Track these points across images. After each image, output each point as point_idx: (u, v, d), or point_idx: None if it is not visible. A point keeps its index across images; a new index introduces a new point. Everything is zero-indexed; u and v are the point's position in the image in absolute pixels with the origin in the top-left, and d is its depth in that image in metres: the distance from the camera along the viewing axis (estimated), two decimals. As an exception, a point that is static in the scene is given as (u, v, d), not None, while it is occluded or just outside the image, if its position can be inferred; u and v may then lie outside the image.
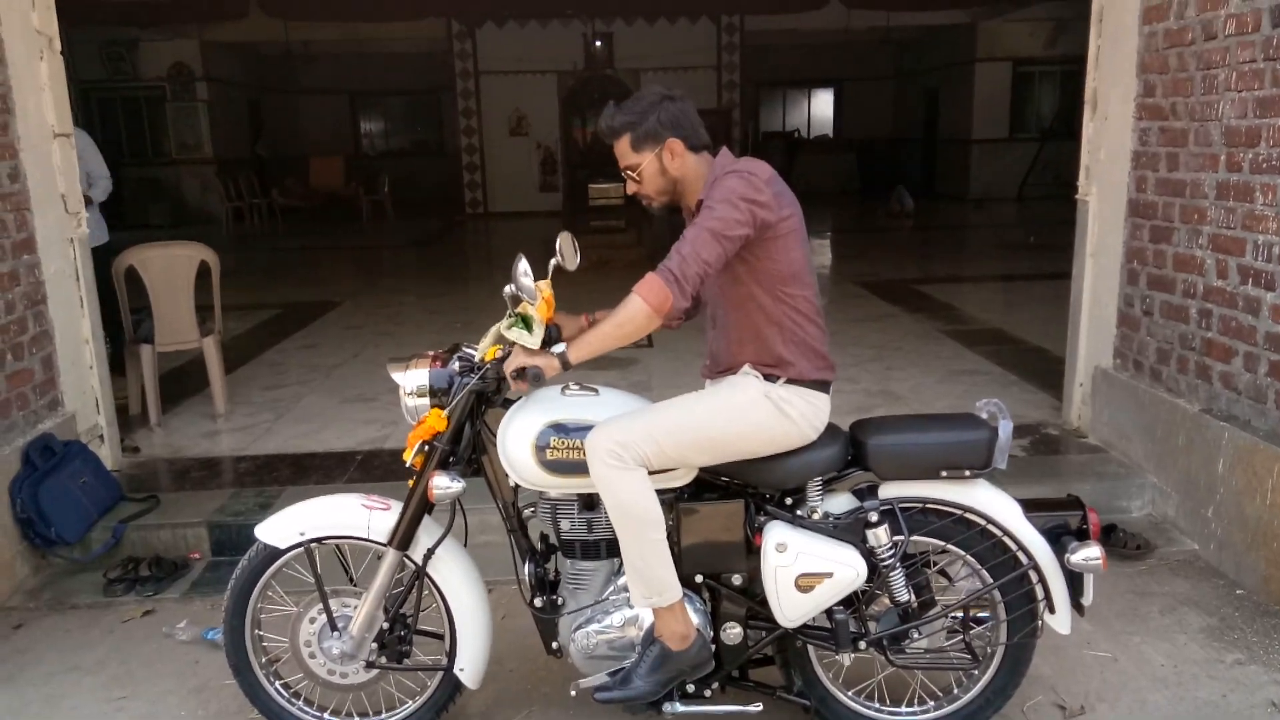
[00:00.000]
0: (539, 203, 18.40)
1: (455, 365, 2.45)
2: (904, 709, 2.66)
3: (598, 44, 17.68)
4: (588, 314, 2.62)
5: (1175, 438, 3.88)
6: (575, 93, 18.70)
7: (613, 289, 2.64)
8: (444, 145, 20.90)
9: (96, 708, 2.97)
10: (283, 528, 2.54)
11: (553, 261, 2.48)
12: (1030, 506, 2.49)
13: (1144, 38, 4.07)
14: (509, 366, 2.30)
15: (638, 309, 2.24)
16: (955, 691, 2.64)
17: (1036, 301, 7.89)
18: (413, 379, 2.45)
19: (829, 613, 2.46)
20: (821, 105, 22.90)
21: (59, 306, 4.19)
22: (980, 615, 2.55)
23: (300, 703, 2.71)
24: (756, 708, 2.55)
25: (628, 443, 2.28)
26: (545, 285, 2.41)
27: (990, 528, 2.44)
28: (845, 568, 2.37)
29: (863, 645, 2.49)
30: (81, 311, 4.35)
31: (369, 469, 4.52)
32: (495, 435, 2.44)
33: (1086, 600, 2.47)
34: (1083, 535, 2.45)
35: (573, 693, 2.59)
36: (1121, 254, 4.33)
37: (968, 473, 2.42)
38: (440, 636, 2.64)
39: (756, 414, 2.38)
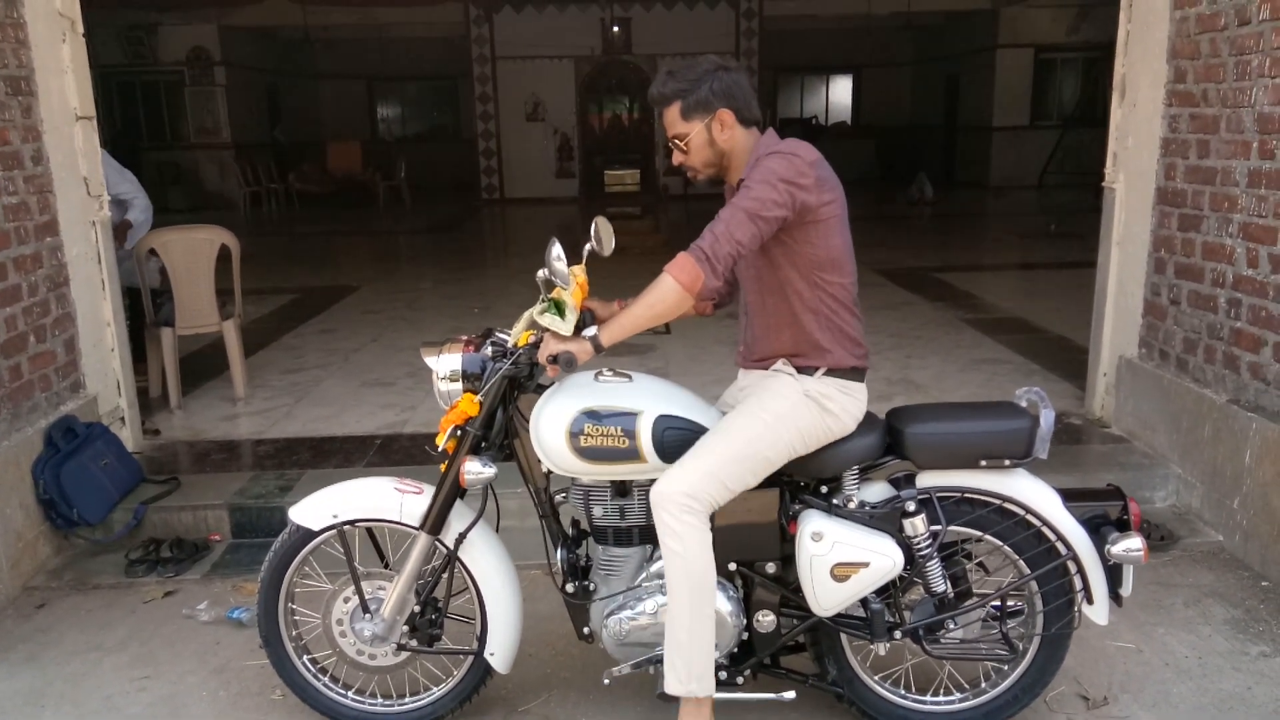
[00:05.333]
0: (555, 189, 18.40)
1: (488, 350, 2.44)
2: (929, 698, 2.63)
3: (615, 29, 17.60)
4: (621, 300, 2.59)
5: (1201, 428, 3.84)
6: (592, 78, 18.64)
7: (630, 274, 2.61)
8: (461, 131, 20.90)
9: (119, 687, 2.98)
10: (316, 509, 2.54)
11: (587, 246, 2.45)
12: (1070, 496, 2.46)
13: (1175, 23, 4.01)
14: (542, 353, 2.28)
15: (669, 288, 2.22)
16: (983, 685, 2.62)
17: (1058, 290, 7.84)
18: (445, 364, 2.43)
19: (864, 602, 2.44)
20: (840, 92, 22.71)
21: (81, 289, 4.19)
22: (1016, 606, 2.52)
23: (326, 679, 2.71)
24: (790, 695, 2.53)
25: (696, 490, 2.25)
26: (580, 270, 2.38)
27: (1029, 518, 2.41)
28: (882, 557, 2.35)
29: (898, 635, 2.47)
30: (103, 294, 4.35)
31: (388, 453, 4.52)
32: (528, 421, 2.42)
33: (1125, 591, 2.44)
34: (1123, 526, 2.42)
35: (606, 681, 2.58)
36: (1149, 242, 4.28)
37: (1008, 462, 2.39)
38: (470, 622, 2.63)
39: (802, 419, 2.35)
